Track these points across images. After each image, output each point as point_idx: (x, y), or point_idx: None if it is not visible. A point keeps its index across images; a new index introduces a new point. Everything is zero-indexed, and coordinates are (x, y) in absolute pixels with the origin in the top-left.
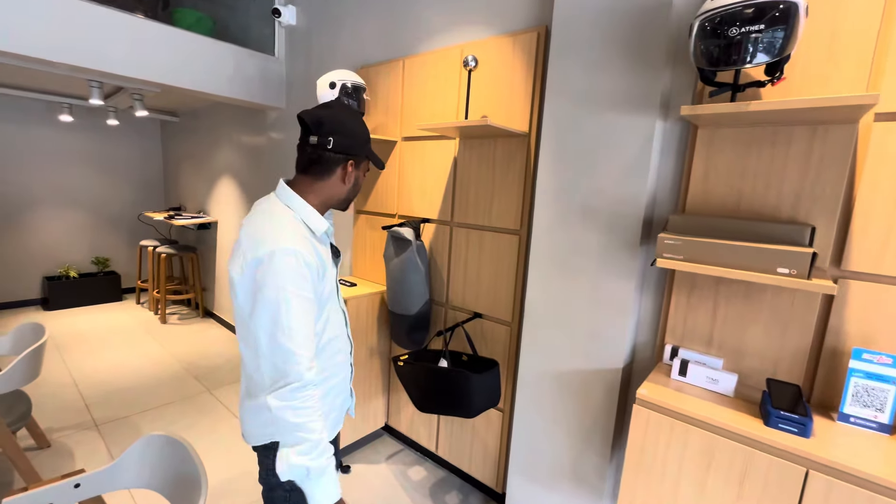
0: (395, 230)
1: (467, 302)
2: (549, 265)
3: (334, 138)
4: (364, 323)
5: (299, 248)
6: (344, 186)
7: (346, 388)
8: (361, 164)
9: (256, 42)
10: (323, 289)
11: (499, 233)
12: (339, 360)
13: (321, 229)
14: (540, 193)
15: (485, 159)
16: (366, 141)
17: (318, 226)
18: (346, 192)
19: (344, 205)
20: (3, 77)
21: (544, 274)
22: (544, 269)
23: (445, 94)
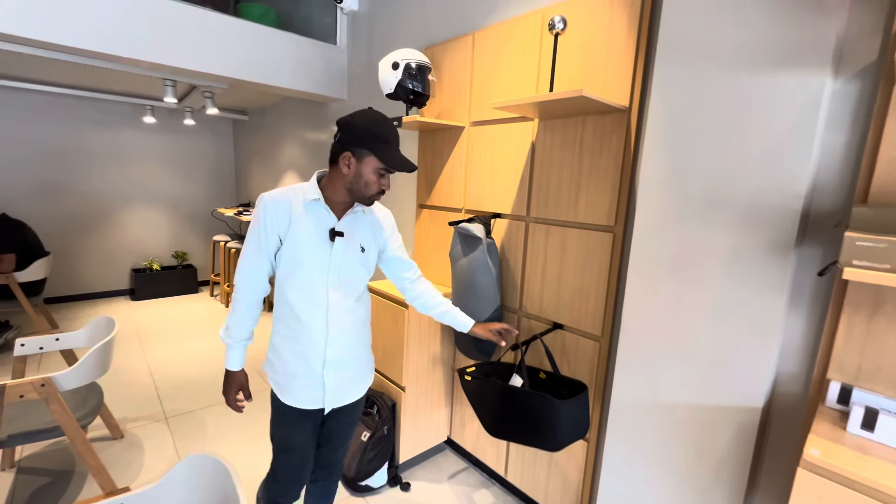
0: (464, 226)
1: (546, 310)
2: (655, 270)
3: (339, 133)
4: (426, 328)
5: (265, 196)
6: (346, 175)
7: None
8: (364, 158)
9: (319, 32)
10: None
11: (587, 230)
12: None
13: (310, 196)
14: (644, 182)
15: (570, 143)
16: (368, 137)
17: (309, 193)
18: (351, 181)
19: (360, 197)
20: (94, 82)
21: (649, 281)
22: (649, 274)
23: (522, 68)
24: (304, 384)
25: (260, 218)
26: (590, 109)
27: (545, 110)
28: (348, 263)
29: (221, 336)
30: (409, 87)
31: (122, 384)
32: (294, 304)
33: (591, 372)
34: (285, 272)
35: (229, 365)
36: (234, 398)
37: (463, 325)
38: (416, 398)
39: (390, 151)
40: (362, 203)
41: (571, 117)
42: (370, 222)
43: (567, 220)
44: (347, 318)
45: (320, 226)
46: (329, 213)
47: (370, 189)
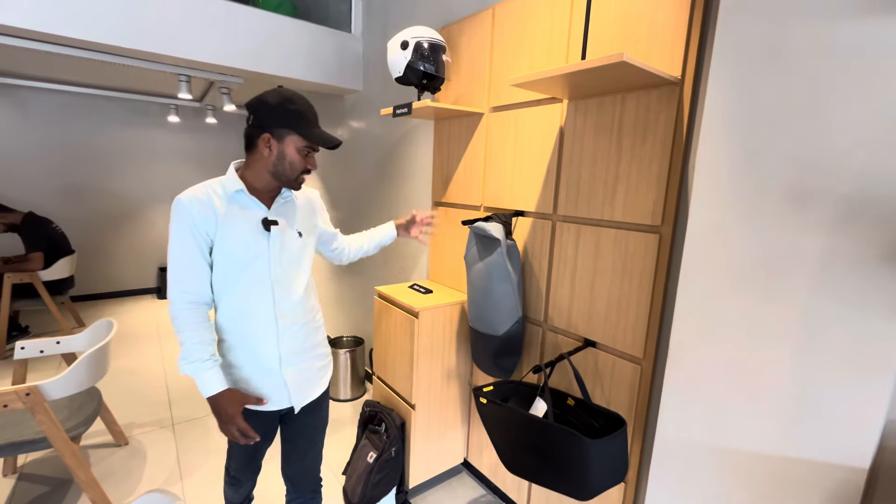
0: (480, 226)
1: (575, 324)
2: (715, 281)
3: (254, 115)
4: (440, 339)
5: (182, 198)
6: (268, 158)
7: (266, 366)
8: (286, 137)
9: (334, 21)
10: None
11: (626, 230)
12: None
13: (231, 188)
14: (702, 171)
15: (606, 126)
16: (287, 114)
17: (228, 185)
18: (274, 164)
19: (284, 180)
20: (118, 81)
21: (706, 294)
22: (707, 286)
23: (550, 43)
24: (263, 388)
25: (185, 219)
26: (631, 83)
27: (576, 87)
28: (289, 253)
29: (183, 368)
30: (420, 68)
31: (133, 387)
32: (238, 305)
33: (631, 400)
34: (222, 274)
35: (212, 388)
36: (242, 420)
37: (388, 236)
38: (427, 417)
39: (312, 128)
40: (289, 187)
41: (608, 95)
42: (302, 206)
43: (601, 219)
44: (297, 309)
45: (250, 218)
46: (257, 203)
47: (295, 170)
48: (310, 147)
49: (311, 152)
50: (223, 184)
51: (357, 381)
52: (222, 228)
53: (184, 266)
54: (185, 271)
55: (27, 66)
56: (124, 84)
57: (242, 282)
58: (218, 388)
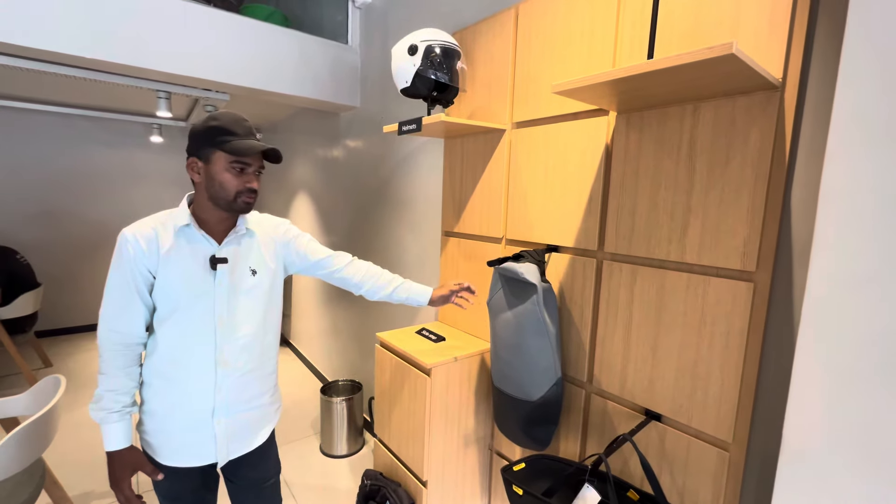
0: (510, 268)
1: (632, 389)
2: (853, 351)
3: (187, 145)
4: (456, 399)
5: (126, 232)
6: (200, 184)
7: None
8: (212, 156)
9: (329, 32)
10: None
11: (703, 275)
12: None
13: (179, 223)
14: (828, 202)
15: (670, 144)
16: (209, 133)
17: (178, 219)
18: (207, 188)
19: (223, 204)
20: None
21: (839, 368)
22: (838, 357)
23: (590, 42)
24: (186, 440)
25: (125, 254)
26: (710, 89)
27: (632, 96)
28: (237, 292)
29: (91, 412)
30: (431, 77)
31: (94, 444)
32: (173, 349)
33: (715, 496)
34: (161, 314)
35: (111, 444)
36: (129, 487)
37: (421, 296)
38: (442, 495)
39: (236, 140)
40: (231, 210)
41: (673, 105)
42: (262, 241)
43: (666, 259)
44: (242, 355)
45: (197, 255)
46: (206, 238)
47: (228, 190)
48: (239, 162)
49: (244, 168)
50: (173, 216)
51: (354, 432)
52: (164, 265)
53: (118, 304)
54: (118, 309)
55: None
56: (102, 102)
57: (181, 323)
58: (118, 446)
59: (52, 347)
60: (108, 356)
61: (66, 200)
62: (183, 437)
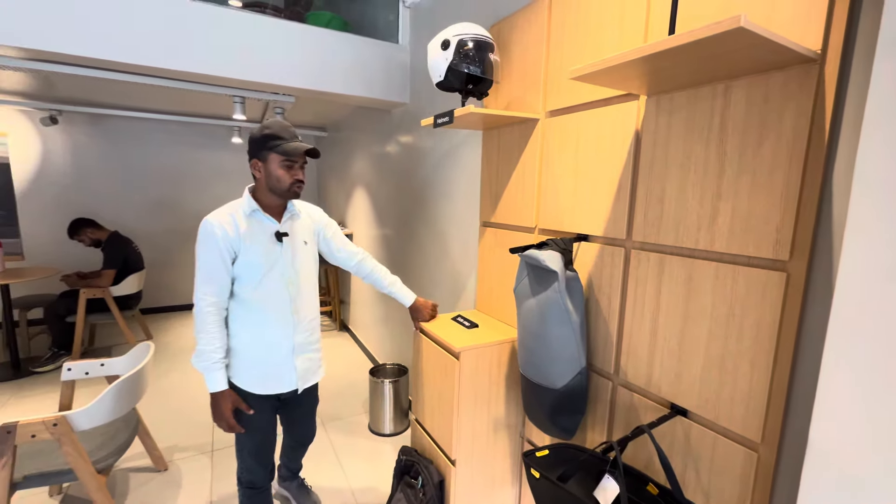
0: (532, 255)
1: (658, 383)
2: (888, 348)
3: (248, 150)
4: (486, 384)
5: (210, 220)
6: (262, 179)
7: (281, 354)
8: (268, 157)
9: (383, 32)
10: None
11: (733, 264)
12: (271, 321)
13: (248, 209)
14: (862, 186)
15: (700, 126)
16: (263, 139)
17: (246, 207)
18: (267, 183)
19: (280, 193)
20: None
21: (871, 366)
22: (871, 354)
23: (621, 28)
24: (274, 373)
25: (216, 236)
26: (742, 66)
27: (659, 76)
28: (299, 258)
29: (195, 364)
30: (463, 70)
31: (180, 406)
32: (261, 307)
33: (742, 498)
34: (246, 281)
35: (216, 386)
36: (231, 417)
37: (405, 299)
38: (470, 475)
39: (285, 144)
40: (285, 197)
41: (704, 85)
42: (305, 221)
43: (695, 248)
44: (308, 305)
45: (266, 231)
46: (270, 219)
47: (283, 182)
48: (288, 160)
49: (293, 164)
50: (241, 206)
51: (400, 413)
52: (245, 241)
53: (211, 276)
54: (212, 280)
55: (107, 96)
56: (191, 108)
57: (264, 284)
58: (222, 387)
59: (153, 323)
60: (206, 318)
61: (164, 195)
62: (272, 371)
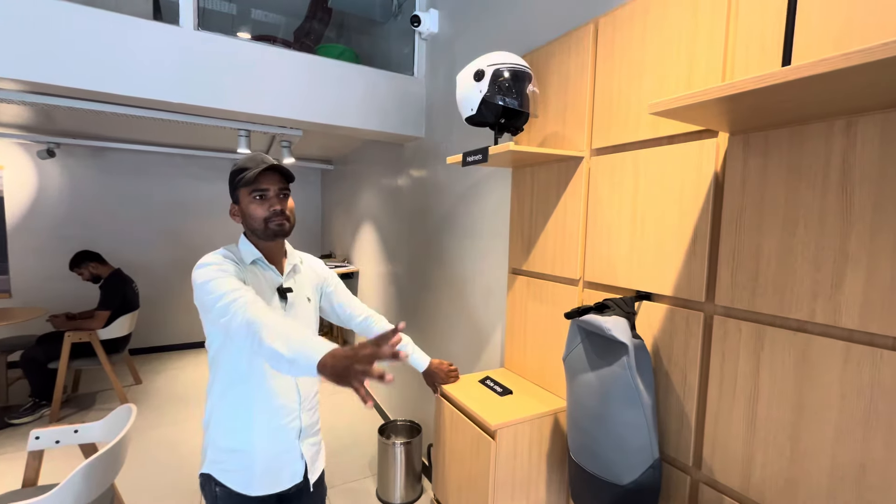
0: (593, 321)
1: (759, 486)
2: None
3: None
4: (525, 465)
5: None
6: (242, 223)
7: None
8: (241, 196)
9: (396, 65)
10: None
11: (870, 346)
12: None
13: (247, 259)
14: None
15: (810, 172)
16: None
17: (245, 254)
18: (246, 224)
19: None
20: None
21: None
22: None
23: (691, 52)
24: (277, 465)
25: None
26: (872, 99)
27: (754, 112)
28: (302, 317)
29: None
30: (499, 103)
31: (169, 467)
32: (259, 376)
33: None
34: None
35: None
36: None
37: (419, 363)
38: None
39: (249, 172)
40: (268, 237)
41: (813, 121)
42: (308, 274)
43: (811, 321)
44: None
45: (267, 285)
46: (274, 271)
47: (257, 218)
48: (256, 191)
49: (264, 194)
50: (240, 254)
51: (412, 479)
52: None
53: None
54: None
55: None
56: (195, 142)
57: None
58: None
59: (144, 365)
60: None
61: (165, 228)
62: (274, 462)
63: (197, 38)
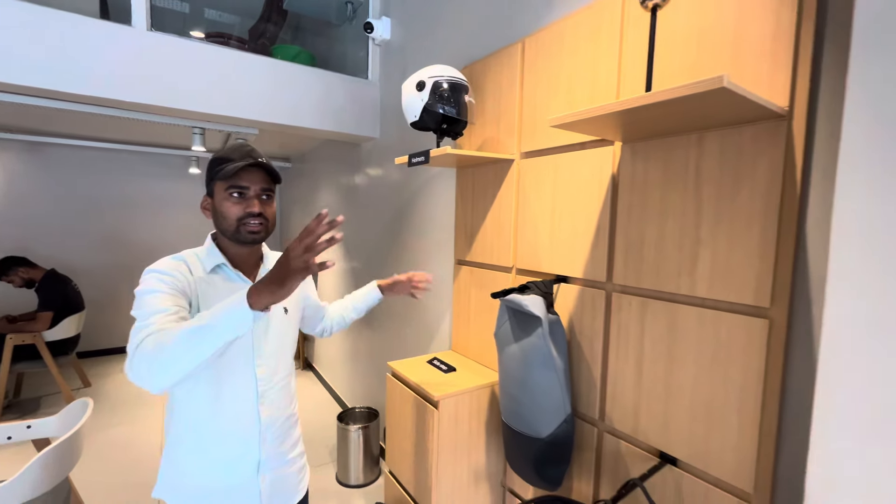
0: (514, 300)
1: (645, 430)
2: (879, 398)
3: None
4: (466, 432)
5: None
6: (212, 219)
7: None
8: (216, 189)
9: (352, 68)
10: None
11: (715, 309)
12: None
13: (209, 263)
14: (842, 236)
15: (677, 174)
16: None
17: (206, 259)
18: (216, 222)
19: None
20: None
21: (864, 415)
22: (862, 403)
23: (594, 73)
24: (231, 500)
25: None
26: (716, 119)
27: (634, 126)
28: (274, 333)
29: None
30: (438, 111)
31: (123, 465)
32: (212, 400)
33: None
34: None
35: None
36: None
37: (373, 298)
38: None
39: (230, 164)
40: (238, 241)
41: (679, 135)
42: None
43: (676, 293)
44: (281, 398)
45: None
46: (240, 276)
47: (230, 218)
48: (235, 187)
49: (243, 192)
50: (200, 256)
51: (370, 462)
52: (202, 296)
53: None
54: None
55: (51, 124)
56: (145, 138)
57: (220, 370)
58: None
59: (92, 368)
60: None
61: (111, 228)
62: (226, 498)
63: (150, 38)
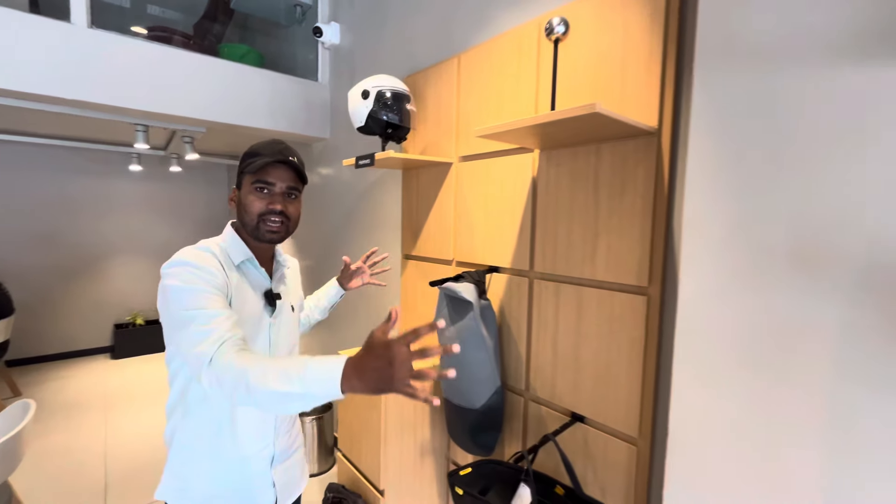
0: (449, 287)
1: (560, 395)
2: (715, 356)
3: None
4: (411, 412)
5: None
6: (232, 209)
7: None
8: (244, 182)
9: (301, 70)
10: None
11: (609, 290)
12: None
13: (236, 259)
14: (691, 230)
15: (581, 178)
16: (242, 162)
17: (234, 251)
18: (239, 215)
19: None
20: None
21: (705, 370)
22: (705, 361)
23: (517, 90)
24: (245, 496)
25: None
26: (605, 133)
27: (546, 138)
28: (286, 330)
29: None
30: (382, 118)
31: (65, 471)
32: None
33: (627, 488)
34: None
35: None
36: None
37: (336, 295)
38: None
39: (260, 159)
40: (257, 238)
41: (581, 145)
42: (294, 279)
43: (582, 277)
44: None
45: (256, 289)
46: (264, 274)
47: (251, 212)
48: (260, 181)
49: (266, 187)
50: (226, 248)
51: (325, 451)
52: (235, 291)
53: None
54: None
55: None
56: (82, 134)
57: None
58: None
59: (23, 377)
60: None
61: (43, 227)
62: (240, 494)
63: (91, 35)
